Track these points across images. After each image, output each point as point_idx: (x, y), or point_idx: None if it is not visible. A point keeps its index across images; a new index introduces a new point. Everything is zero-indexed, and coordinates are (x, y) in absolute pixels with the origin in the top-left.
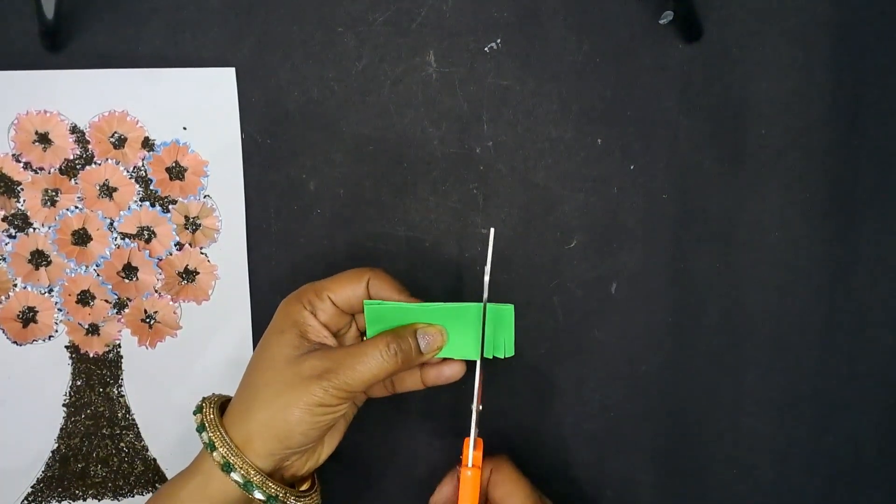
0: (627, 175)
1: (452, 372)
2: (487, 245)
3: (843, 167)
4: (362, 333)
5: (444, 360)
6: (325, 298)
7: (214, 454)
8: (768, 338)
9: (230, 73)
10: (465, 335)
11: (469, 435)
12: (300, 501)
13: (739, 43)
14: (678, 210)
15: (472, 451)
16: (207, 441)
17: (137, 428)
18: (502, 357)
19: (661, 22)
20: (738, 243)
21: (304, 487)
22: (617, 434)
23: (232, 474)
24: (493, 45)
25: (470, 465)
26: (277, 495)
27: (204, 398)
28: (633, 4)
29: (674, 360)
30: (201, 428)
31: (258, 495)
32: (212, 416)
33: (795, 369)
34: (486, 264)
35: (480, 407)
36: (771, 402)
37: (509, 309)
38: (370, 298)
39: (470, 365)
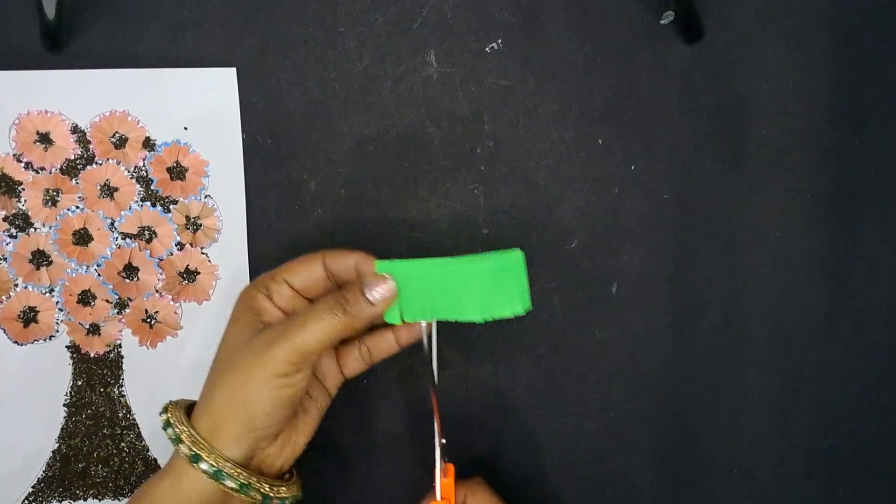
0: (628, 175)
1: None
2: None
3: (843, 167)
4: None
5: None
6: (281, 282)
7: (181, 447)
8: (769, 338)
9: (231, 73)
10: (460, 292)
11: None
12: (276, 489)
13: (740, 43)
14: (679, 210)
15: (438, 482)
16: (173, 436)
17: (138, 428)
18: (521, 313)
19: (662, 22)
20: (738, 244)
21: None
22: (617, 434)
23: (200, 464)
24: (494, 45)
25: (438, 497)
26: (250, 483)
27: (170, 401)
28: (634, 5)
29: (674, 360)
30: (166, 425)
31: (230, 483)
32: (178, 413)
33: (796, 369)
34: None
35: (444, 441)
36: (771, 403)
37: (517, 256)
38: (330, 277)
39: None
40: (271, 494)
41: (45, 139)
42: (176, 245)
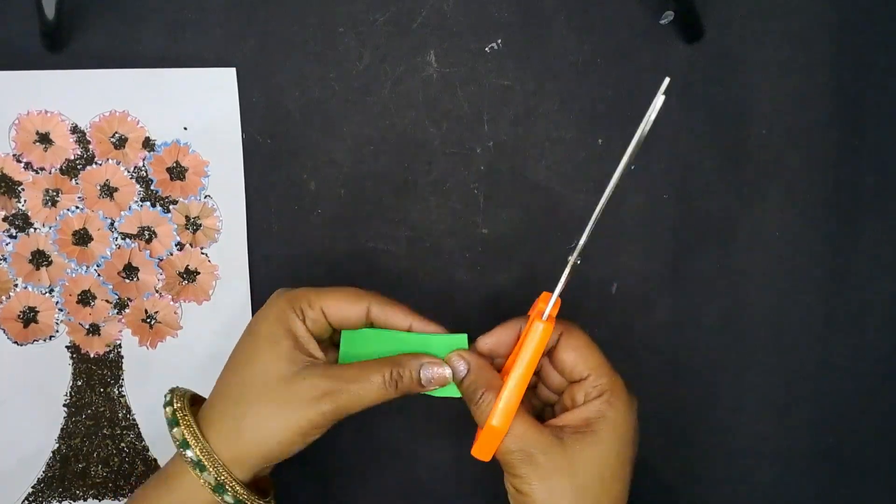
0: (628, 175)
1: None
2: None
3: (843, 168)
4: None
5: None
6: (318, 309)
7: (204, 474)
8: (768, 338)
9: (231, 73)
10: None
11: (552, 290)
12: None
13: (740, 43)
14: (679, 210)
15: (553, 301)
16: (195, 459)
17: (138, 428)
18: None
19: (662, 22)
20: (738, 243)
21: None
22: None
23: (204, 474)
24: (494, 45)
25: (545, 317)
26: (244, 500)
27: (172, 391)
28: (633, 4)
29: (674, 360)
30: (184, 445)
31: (227, 498)
32: (193, 427)
33: (796, 370)
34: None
35: (579, 261)
36: (771, 403)
37: (462, 339)
38: (370, 323)
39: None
40: None
41: (44, 139)
42: (176, 245)
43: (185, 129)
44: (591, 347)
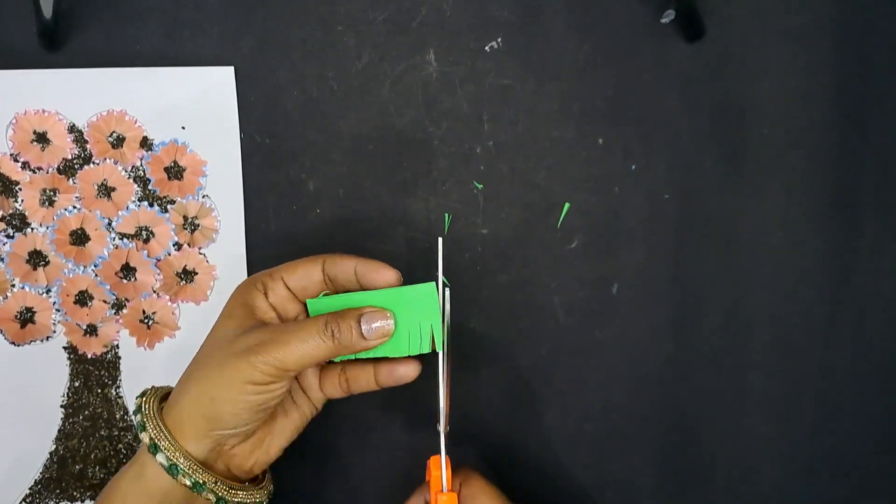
0: (628, 175)
1: (406, 371)
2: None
3: (845, 167)
4: None
5: (398, 358)
6: (279, 280)
7: (142, 435)
8: (770, 338)
9: (229, 72)
10: (418, 325)
11: (437, 454)
12: (233, 492)
13: (741, 42)
14: (679, 210)
15: (444, 473)
16: (139, 423)
17: (136, 429)
18: (426, 352)
19: (663, 21)
20: (739, 244)
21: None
22: (618, 435)
23: (157, 456)
24: (494, 44)
25: (445, 489)
26: (204, 482)
27: (152, 385)
28: (634, 3)
29: (675, 360)
30: (136, 410)
31: (184, 480)
32: (151, 400)
33: (797, 370)
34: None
35: (448, 429)
36: (773, 403)
37: (430, 287)
38: (328, 282)
39: (431, 369)
40: (227, 497)
41: (42, 139)
42: (174, 245)
43: (183, 128)
44: (490, 494)
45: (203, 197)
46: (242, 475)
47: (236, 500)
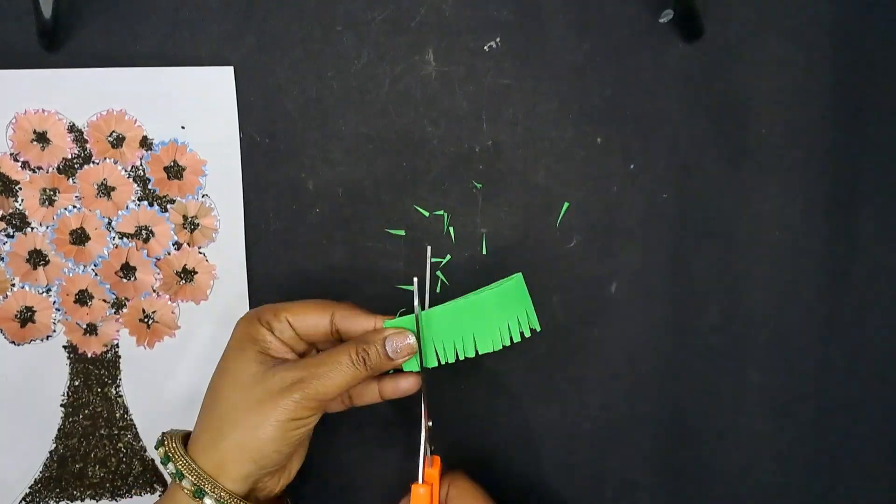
0: (627, 174)
1: (409, 384)
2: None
3: (843, 166)
4: None
5: (401, 372)
6: (283, 320)
7: (184, 482)
8: (769, 337)
9: (228, 71)
10: (515, 316)
11: (422, 453)
12: None
13: (740, 42)
14: (678, 209)
15: (422, 467)
16: (175, 471)
17: (135, 428)
18: (527, 335)
19: (662, 20)
20: (738, 243)
21: None
22: (617, 434)
23: (205, 500)
24: (493, 43)
25: (421, 481)
26: None
27: (163, 433)
28: (633, 3)
29: (674, 360)
30: (166, 460)
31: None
32: (175, 444)
33: (796, 369)
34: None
35: (430, 423)
36: (771, 402)
37: (517, 279)
38: (336, 333)
39: (431, 371)
40: None
41: (42, 138)
42: (173, 245)
43: (183, 128)
44: (475, 496)
45: (203, 196)
46: (270, 502)
47: None
